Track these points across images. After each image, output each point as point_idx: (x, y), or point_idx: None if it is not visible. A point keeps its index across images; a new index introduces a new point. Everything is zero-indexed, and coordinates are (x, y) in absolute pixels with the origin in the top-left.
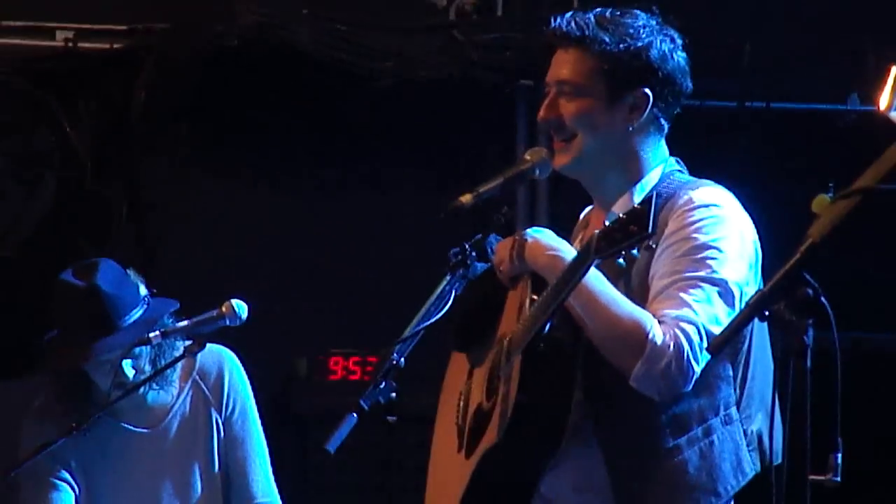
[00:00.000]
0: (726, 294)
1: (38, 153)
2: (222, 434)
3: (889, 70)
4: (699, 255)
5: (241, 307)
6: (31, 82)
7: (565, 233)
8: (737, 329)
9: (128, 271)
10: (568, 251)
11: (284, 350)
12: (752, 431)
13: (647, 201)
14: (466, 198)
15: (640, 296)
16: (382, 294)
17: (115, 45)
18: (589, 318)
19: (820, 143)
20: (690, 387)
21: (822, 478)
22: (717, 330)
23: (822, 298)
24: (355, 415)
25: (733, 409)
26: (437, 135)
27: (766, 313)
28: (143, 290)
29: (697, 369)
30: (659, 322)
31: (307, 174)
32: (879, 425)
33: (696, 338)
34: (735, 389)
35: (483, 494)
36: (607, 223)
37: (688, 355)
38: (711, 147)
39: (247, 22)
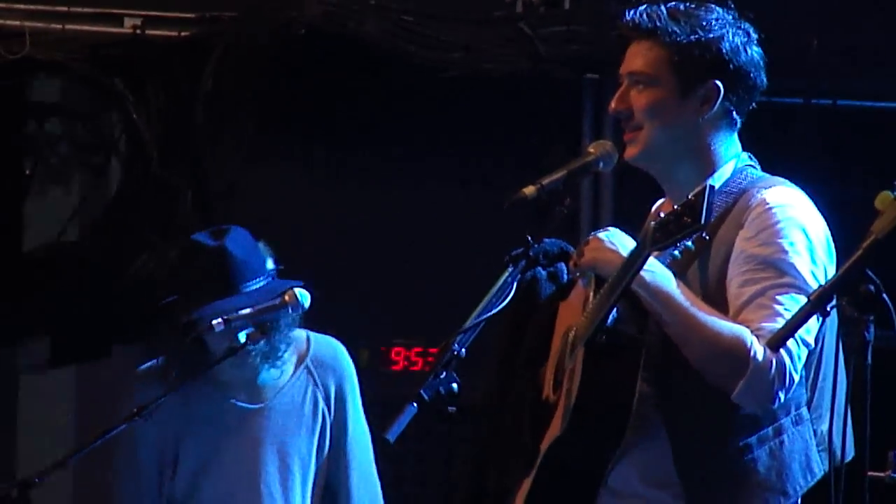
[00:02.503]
0: None
1: (105, 139)
2: (328, 425)
3: None
4: (782, 260)
5: (303, 296)
6: (98, 69)
7: (630, 226)
8: (797, 325)
9: (259, 243)
10: (627, 248)
11: (347, 340)
12: (821, 431)
13: (700, 192)
14: (530, 190)
15: (716, 294)
16: (445, 285)
17: (183, 33)
18: (686, 337)
19: (886, 140)
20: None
21: (881, 474)
22: (808, 337)
23: (884, 295)
24: (415, 405)
25: (804, 409)
26: (503, 127)
27: (827, 309)
28: (270, 265)
29: (797, 379)
30: (757, 337)
31: (373, 164)
32: None
33: (794, 349)
34: (806, 390)
35: (549, 486)
36: (661, 215)
37: (789, 369)
38: (776, 143)
39: (314, 12)
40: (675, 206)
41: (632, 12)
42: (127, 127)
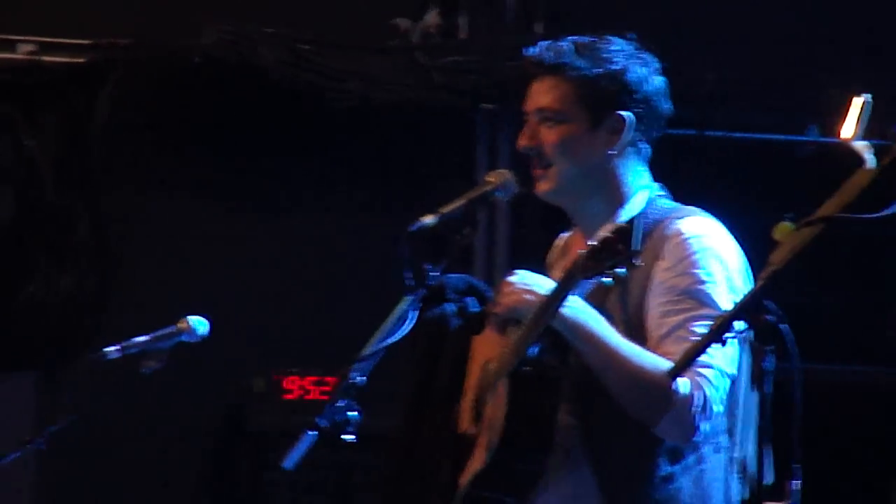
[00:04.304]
0: None
1: None
2: None
3: (850, 101)
4: (700, 291)
5: (199, 323)
6: None
7: (526, 256)
8: (696, 354)
9: None
10: (540, 286)
11: (241, 368)
12: (737, 459)
13: (631, 220)
14: (429, 218)
15: (637, 325)
16: (341, 314)
17: (79, 59)
18: (608, 372)
19: (778, 173)
20: None
21: None
22: (730, 368)
23: (783, 326)
24: (313, 432)
25: (723, 437)
26: (398, 156)
27: (724, 337)
28: None
29: (719, 411)
30: None
31: (267, 192)
32: (831, 456)
33: (717, 382)
34: (727, 417)
35: None
36: (591, 243)
37: (712, 402)
38: (670, 174)
39: (211, 40)
40: (608, 234)
41: (534, 48)
42: (21, 153)
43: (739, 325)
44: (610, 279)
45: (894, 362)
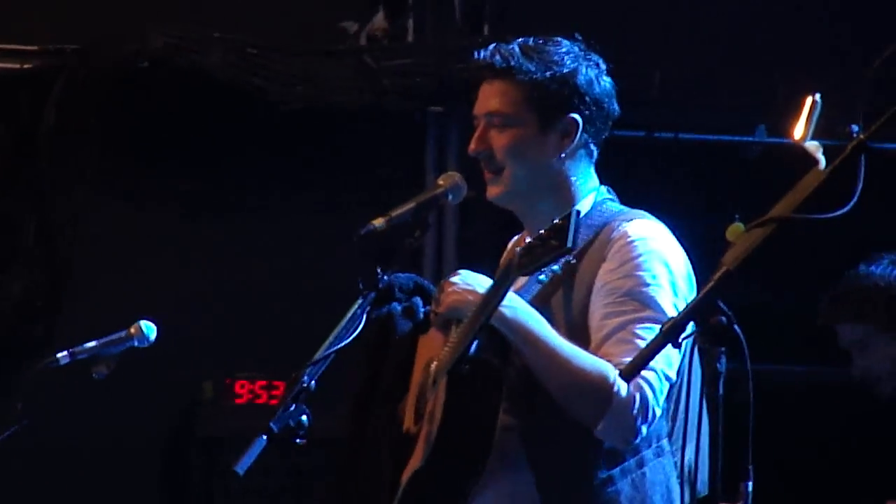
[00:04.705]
0: None
1: None
2: None
3: (803, 101)
4: (643, 294)
5: (149, 329)
6: None
7: (474, 259)
8: (649, 356)
9: None
10: (482, 285)
11: (190, 373)
12: (688, 463)
13: (566, 217)
14: (379, 221)
15: (580, 327)
16: (290, 318)
17: (26, 65)
18: (548, 373)
19: (727, 174)
20: None
21: None
22: (670, 372)
23: (735, 327)
24: (265, 437)
25: (665, 441)
26: (347, 160)
27: (679, 340)
28: None
29: (659, 413)
30: (619, 372)
31: (215, 197)
32: (783, 456)
33: (657, 384)
34: (668, 421)
35: None
36: (528, 240)
37: (652, 404)
38: (619, 177)
39: (157, 44)
40: (542, 231)
41: (483, 52)
42: None
43: (690, 326)
44: (545, 276)
45: (844, 362)
